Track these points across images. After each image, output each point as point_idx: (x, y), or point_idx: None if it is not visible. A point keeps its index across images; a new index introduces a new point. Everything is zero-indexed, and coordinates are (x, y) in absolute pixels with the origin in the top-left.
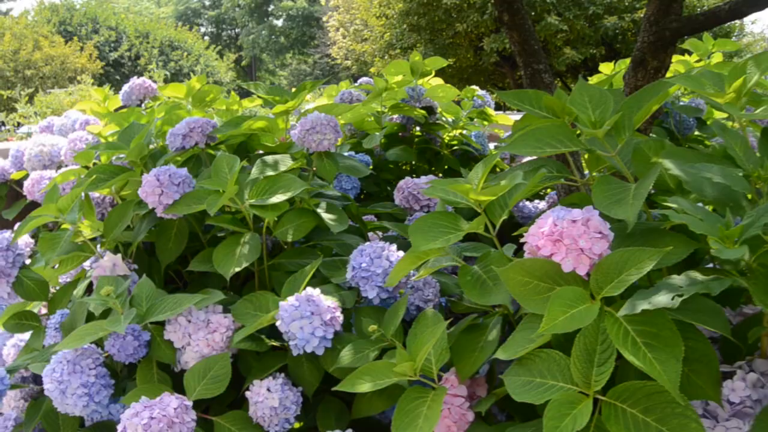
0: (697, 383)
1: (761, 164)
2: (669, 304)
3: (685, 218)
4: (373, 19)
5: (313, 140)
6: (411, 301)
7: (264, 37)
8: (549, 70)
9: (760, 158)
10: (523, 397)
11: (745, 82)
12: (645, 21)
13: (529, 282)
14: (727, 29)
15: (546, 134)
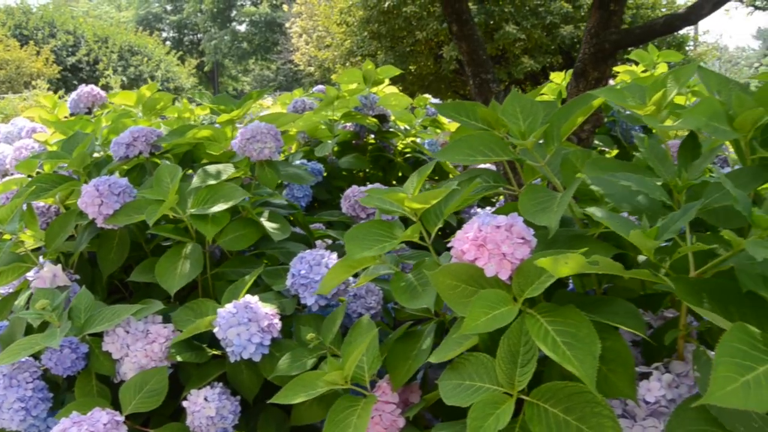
0: (615, 382)
1: (679, 174)
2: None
3: (606, 222)
4: (335, 27)
5: (253, 149)
6: (353, 308)
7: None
8: (497, 80)
9: (678, 168)
10: (453, 400)
11: (665, 95)
12: (586, 33)
13: (457, 285)
14: (681, 39)
15: (478, 143)
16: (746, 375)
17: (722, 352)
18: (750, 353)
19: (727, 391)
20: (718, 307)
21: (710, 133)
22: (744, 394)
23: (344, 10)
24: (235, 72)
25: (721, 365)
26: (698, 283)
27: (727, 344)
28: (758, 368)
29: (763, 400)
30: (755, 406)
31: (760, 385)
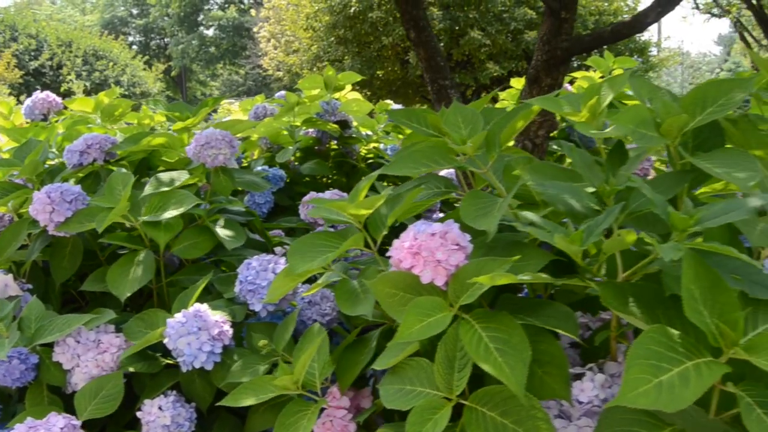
0: (550, 384)
1: (606, 180)
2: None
3: (530, 228)
4: (301, 32)
5: (208, 156)
6: (308, 315)
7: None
8: (455, 86)
9: (606, 174)
10: (393, 404)
11: (599, 102)
12: (538, 41)
13: (395, 293)
14: (642, 45)
15: (422, 155)
16: (660, 376)
17: (636, 354)
18: (666, 355)
19: (639, 392)
20: (645, 309)
21: (637, 140)
22: (656, 394)
23: (311, 15)
24: (203, 77)
25: (634, 367)
26: (626, 286)
27: (641, 347)
28: (673, 369)
29: (673, 400)
30: (664, 406)
31: (672, 386)
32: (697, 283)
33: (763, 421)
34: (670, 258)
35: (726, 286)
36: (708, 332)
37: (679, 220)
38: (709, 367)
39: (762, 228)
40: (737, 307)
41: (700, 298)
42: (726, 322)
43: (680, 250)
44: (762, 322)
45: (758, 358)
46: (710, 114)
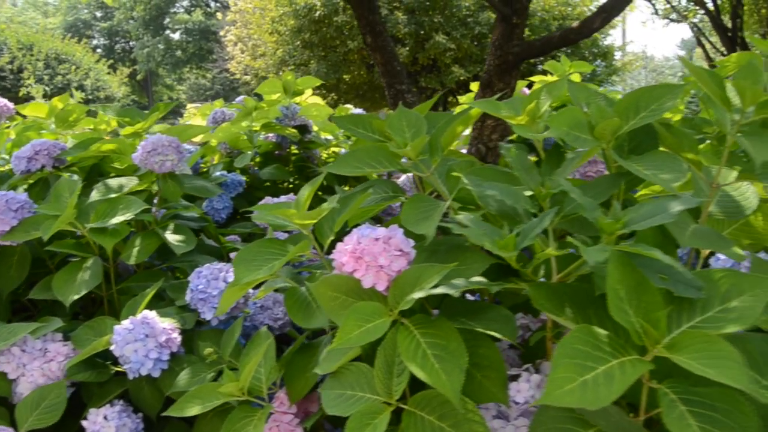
0: (488, 387)
1: (542, 183)
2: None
3: (465, 231)
4: (267, 35)
5: (155, 162)
6: (260, 320)
7: (160, 50)
8: (412, 90)
9: (541, 177)
10: (334, 410)
11: (538, 106)
12: (491, 46)
13: (337, 297)
14: (606, 50)
15: (366, 155)
16: (586, 375)
17: (562, 354)
18: (592, 354)
19: (564, 391)
20: (577, 310)
21: (571, 142)
22: (580, 393)
23: (276, 19)
24: (170, 80)
25: (559, 367)
26: (558, 287)
27: (567, 346)
28: (598, 368)
29: (597, 398)
30: (588, 404)
31: (597, 384)
32: (623, 283)
33: (684, 419)
34: (594, 260)
35: (651, 286)
36: (632, 331)
37: (606, 223)
38: (633, 365)
39: (693, 230)
40: (661, 306)
41: (626, 298)
42: (650, 321)
43: (606, 252)
44: (686, 320)
45: (679, 355)
46: (643, 118)
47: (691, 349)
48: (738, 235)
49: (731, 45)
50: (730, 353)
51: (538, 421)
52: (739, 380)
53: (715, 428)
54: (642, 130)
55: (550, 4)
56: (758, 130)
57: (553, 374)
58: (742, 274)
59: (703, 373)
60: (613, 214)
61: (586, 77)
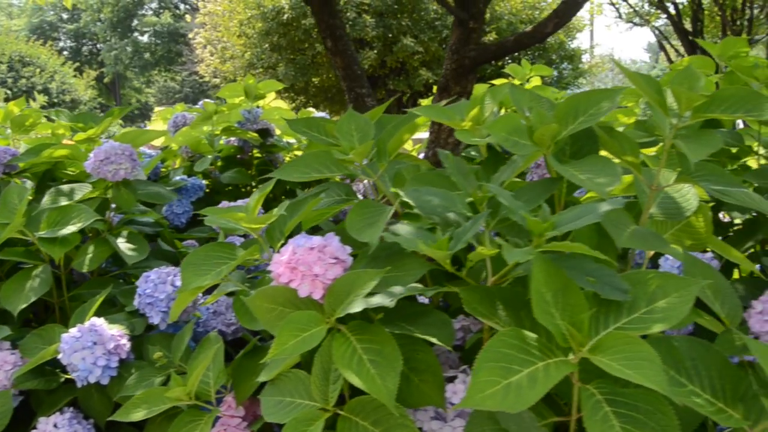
0: (426, 391)
1: (479, 187)
2: (387, 303)
3: (397, 238)
4: (235, 38)
5: (108, 171)
6: (213, 325)
7: (128, 53)
8: (372, 94)
9: (478, 183)
10: (273, 417)
11: (481, 111)
12: (448, 50)
13: (274, 308)
14: (572, 53)
15: (314, 160)
16: (510, 378)
17: (485, 358)
18: (517, 357)
19: (486, 394)
20: (510, 312)
21: (510, 148)
22: (502, 396)
23: (243, 21)
24: (138, 83)
25: (482, 371)
26: (491, 290)
27: (492, 350)
28: (523, 371)
29: (519, 401)
30: (509, 408)
31: (520, 387)
32: (549, 285)
33: (608, 420)
34: (514, 260)
35: (576, 289)
36: (557, 333)
37: (534, 225)
38: (558, 366)
39: (632, 231)
40: (585, 308)
41: (551, 301)
42: (575, 323)
43: (530, 254)
44: (613, 322)
45: (601, 357)
46: (582, 123)
47: (613, 350)
48: (680, 235)
49: (692, 48)
50: (649, 355)
51: (473, 422)
52: (657, 381)
53: (637, 429)
54: (583, 134)
55: (517, 8)
56: (695, 132)
57: (476, 378)
58: (669, 276)
59: (623, 374)
60: (542, 216)
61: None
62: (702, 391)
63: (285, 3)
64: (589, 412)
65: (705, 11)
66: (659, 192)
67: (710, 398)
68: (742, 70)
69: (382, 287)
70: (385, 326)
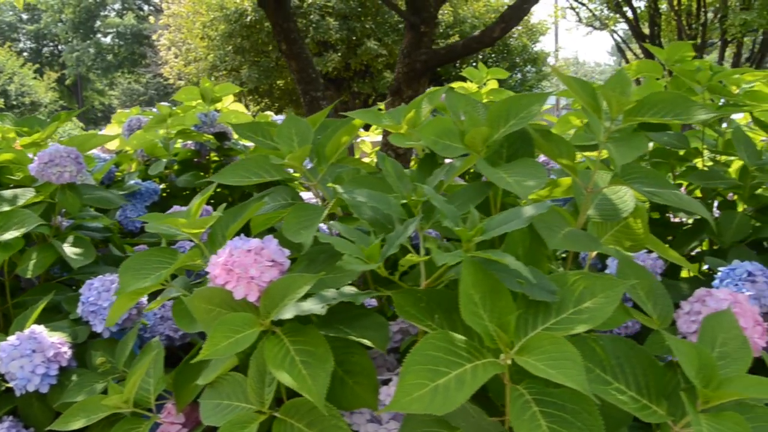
0: (360, 394)
1: (414, 189)
2: (318, 311)
3: (330, 240)
4: (198, 40)
5: (52, 173)
6: (160, 330)
7: (90, 54)
8: (327, 98)
9: (413, 185)
10: (211, 420)
11: (417, 114)
12: (400, 54)
13: (212, 309)
14: (535, 56)
15: (254, 165)
16: (438, 380)
17: (412, 361)
18: (445, 359)
19: (413, 398)
20: (443, 315)
21: (440, 151)
22: (430, 399)
23: (206, 23)
24: (101, 85)
25: (409, 374)
26: (426, 294)
27: (419, 353)
28: (451, 372)
29: (446, 403)
30: (436, 410)
31: (447, 389)
32: (477, 288)
33: (535, 419)
34: (442, 262)
35: (505, 291)
36: (484, 334)
37: (461, 231)
38: (486, 368)
39: (566, 233)
40: (513, 310)
41: (480, 302)
42: (502, 325)
43: (459, 257)
44: (541, 323)
45: (527, 357)
46: (513, 126)
47: (538, 351)
48: (620, 236)
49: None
50: (572, 354)
51: (407, 425)
52: (578, 381)
53: (564, 428)
54: (519, 137)
55: (480, 12)
56: (626, 136)
57: (402, 382)
58: (596, 277)
59: (546, 374)
60: (471, 221)
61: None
62: (627, 389)
63: (248, 5)
64: (516, 412)
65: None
66: (596, 194)
67: (635, 395)
68: (685, 73)
69: (319, 288)
70: (322, 328)
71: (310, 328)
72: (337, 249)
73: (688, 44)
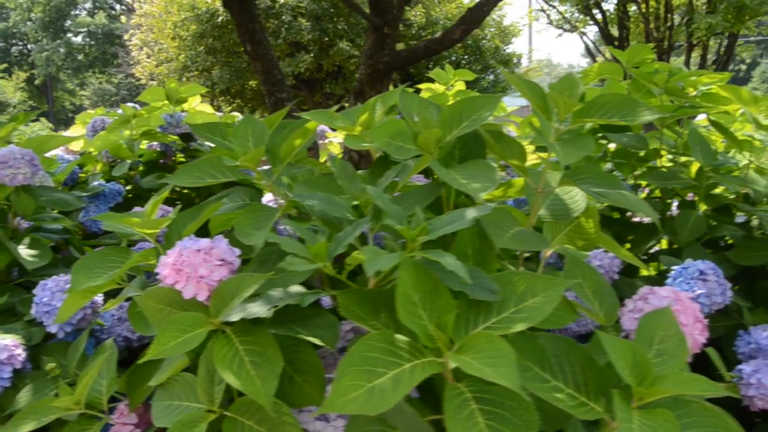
0: (308, 392)
1: (364, 190)
2: (266, 314)
3: (277, 239)
4: (169, 40)
5: (5, 175)
6: (118, 332)
7: (60, 54)
8: (292, 99)
9: (363, 186)
10: (162, 421)
11: (371, 116)
12: (363, 55)
13: (162, 308)
14: (507, 57)
15: (208, 166)
16: (374, 381)
17: (348, 363)
18: (383, 359)
19: (348, 399)
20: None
21: (392, 153)
22: (365, 400)
23: (177, 23)
24: (71, 85)
25: (345, 376)
26: (372, 294)
27: (356, 354)
28: (389, 373)
29: (381, 403)
30: (371, 410)
31: (384, 390)
32: (417, 288)
33: (473, 417)
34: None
35: (445, 290)
36: (422, 335)
37: (405, 232)
38: (424, 367)
39: (514, 232)
40: (452, 309)
41: (419, 302)
42: (440, 324)
43: (396, 260)
44: (482, 322)
45: (465, 356)
46: (465, 127)
47: (475, 349)
48: (572, 236)
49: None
50: (506, 353)
51: (352, 423)
52: (510, 379)
53: (501, 425)
54: (472, 139)
55: (453, 13)
56: (574, 137)
57: (338, 383)
58: (538, 276)
59: (480, 372)
60: (416, 222)
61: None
62: (565, 386)
63: (220, 5)
64: (452, 411)
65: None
66: (548, 194)
67: (573, 392)
68: (643, 76)
69: (269, 287)
70: (274, 326)
71: (260, 328)
72: (285, 249)
73: (648, 47)
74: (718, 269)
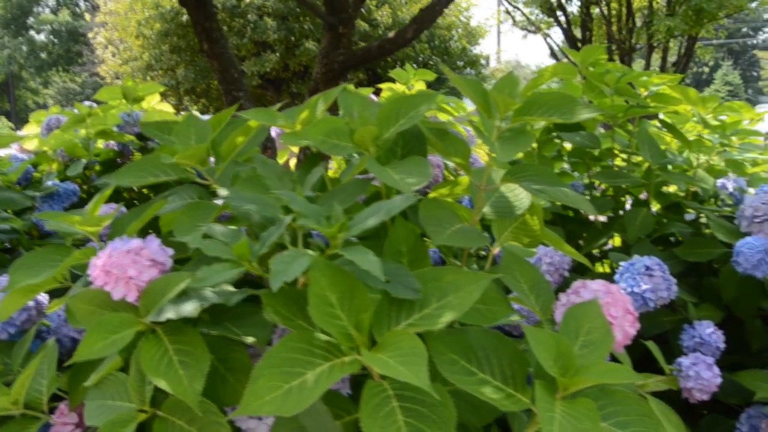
0: (240, 391)
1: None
2: (191, 313)
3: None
4: (132, 39)
5: None
6: (64, 332)
7: (23, 52)
8: (249, 98)
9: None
10: (94, 420)
11: (312, 114)
12: (319, 54)
13: (94, 310)
14: (474, 58)
15: (149, 164)
16: (291, 382)
17: (265, 365)
18: (302, 359)
19: (264, 401)
20: None
21: (328, 150)
22: (282, 401)
23: (142, 21)
24: (34, 84)
25: (261, 378)
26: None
27: (274, 356)
28: (307, 373)
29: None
30: (288, 411)
31: (301, 390)
32: (334, 288)
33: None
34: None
35: (362, 289)
36: (339, 335)
37: (324, 229)
38: (342, 366)
39: (454, 229)
40: (369, 308)
41: (337, 303)
42: (357, 323)
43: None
44: (405, 319)
45: (381, 354)
46: (402, 125)
47: (391, 347)
48: (518, 233)
49: None
50: (418, 350)
51: (278, 422)
52: (420, 378)
53: (419, 422)
54: (413, 136)
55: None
56: (513, 135)
57: (254, 385)
58: (463, 272)
59: (392, 371)
60: (335, 217)
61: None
62: (492, 378)
63: None
64: (370, 409)
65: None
66: (492, 192)
67: (500, 384)
68: (594, 76)
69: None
70: (210, 325)
71: (189, 327)
72: (205, 251)
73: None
74: (664, 265)
